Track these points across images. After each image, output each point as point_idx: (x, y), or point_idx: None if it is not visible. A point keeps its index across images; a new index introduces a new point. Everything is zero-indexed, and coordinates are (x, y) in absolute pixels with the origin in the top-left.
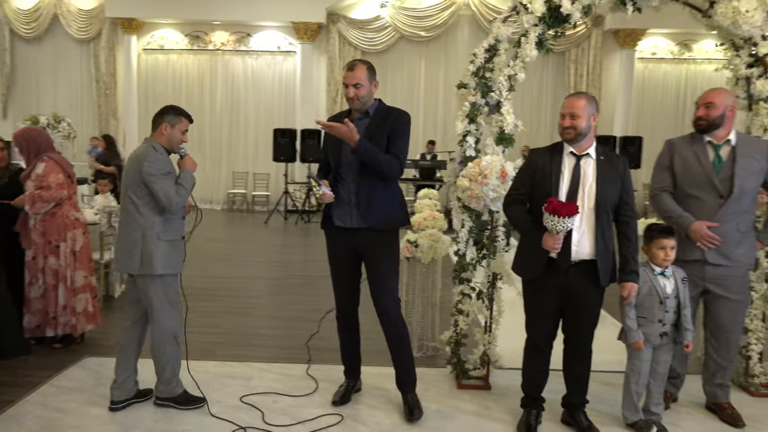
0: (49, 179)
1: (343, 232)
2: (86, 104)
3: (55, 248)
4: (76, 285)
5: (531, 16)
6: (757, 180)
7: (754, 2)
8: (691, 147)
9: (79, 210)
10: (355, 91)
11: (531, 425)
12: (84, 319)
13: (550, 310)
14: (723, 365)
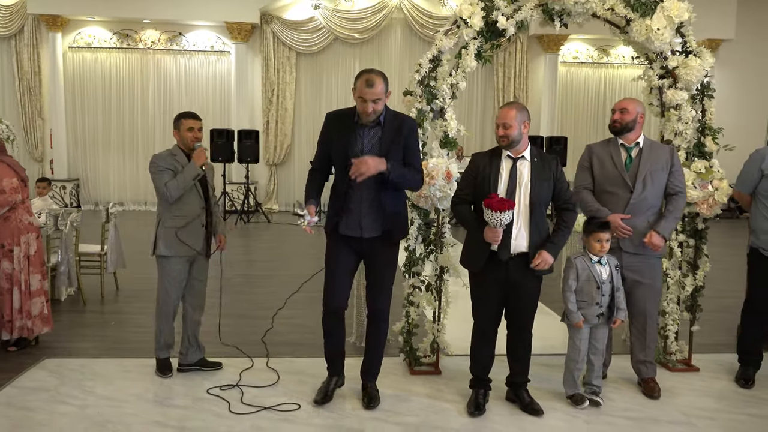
0: (2, 183)
1: (350, 239)
2: (9, 103)
3: (8, 252)
4: (31, 289)
5: (471, 30)
6: (661, 178)
7: (663, 21)
8: (607, 149)
9: (32, 214)
10: (374, 107)
11: (479, 403)
12: (40, 322)
13: (494, 299)
14: (646, 343)
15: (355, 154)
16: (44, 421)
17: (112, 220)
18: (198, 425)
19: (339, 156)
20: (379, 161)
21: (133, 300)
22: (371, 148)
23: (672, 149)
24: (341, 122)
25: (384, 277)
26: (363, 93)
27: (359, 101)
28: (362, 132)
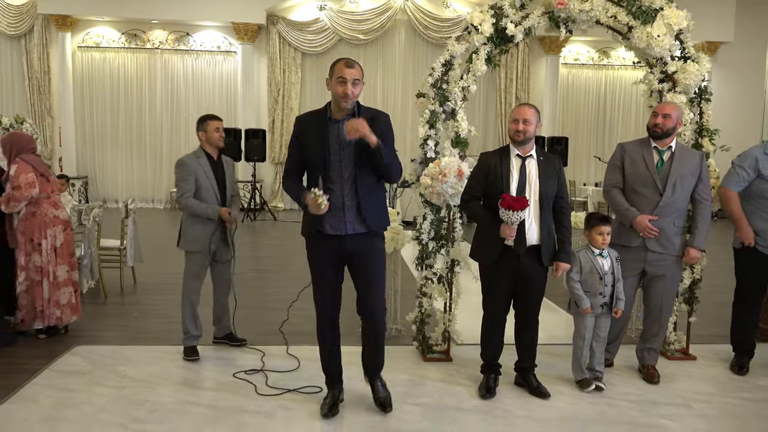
0: (19, 179)
1: (334, 239)
2: (18, 102)
3: (37, 246)
4: (59, 279)
5: (481, 36)
6: (689, 184)
7: (663, 29)
8: (639, 150)
9: (59, 208)
10: (353, 90)
11: (491, 387)
12: (69, 311)
13: (505, 290)
14: (657, 332)
15: (332, 149)
16: (85, 400)
17: (130, 216)
18: (228, 405)
19: (315, 156)
20: (370, 130)
21: (151, 293)
22: (348, 142)
23: (701, 156)
24: (313, 121)
25: (375, 271)
26: (342, 72)
27: (337, 83)
28: (337, 127)
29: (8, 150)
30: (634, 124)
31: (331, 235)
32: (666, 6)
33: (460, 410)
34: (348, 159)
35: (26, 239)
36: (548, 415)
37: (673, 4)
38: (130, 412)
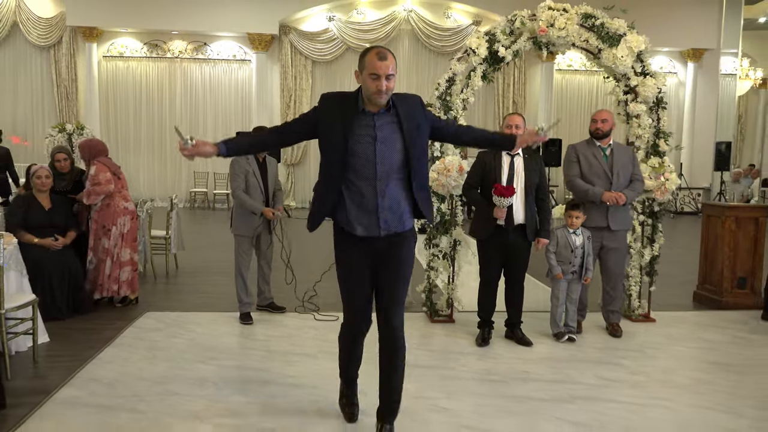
0: (99, 177)
1: (366, 241)
2: (48, 108)
3: (107, 231)
4: (122, 260)
5: (477, 57)
6: (627, 172)
7: (626, 51)
8: (589, 149)
9: (128, 200)
10: (387, 84)
11: (485, 337)
12: (126, 286)
13: (497, 260)
14: (614, 296)
15: (363, 144)
16: (168, 345)
17: (175, 209)
18: (279, 347)
19: (335, 146)
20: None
21: (191, 276)
22: (386, 139)
23: (632, 149)
24: (342, 106)
25: (401, 284)
26: (376, 67)
27: (370, 79)
28: (370, 120)
29: (87, 153)
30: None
31: (362, 237)
32: (628, 32)
33: (461, 354)
34: (383, 154)
35: (99, 226)
36: (530, 357)
37: (634, 31)
38: (204, 352)
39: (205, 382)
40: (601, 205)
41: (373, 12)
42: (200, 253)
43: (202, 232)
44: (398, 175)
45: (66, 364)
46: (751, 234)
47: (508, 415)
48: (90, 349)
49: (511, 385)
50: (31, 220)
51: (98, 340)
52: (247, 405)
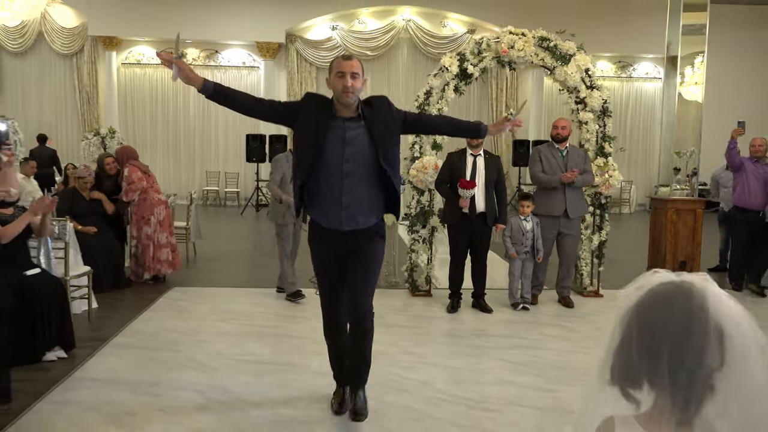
0: (132, 177)
1: (333, 234)
2: (70, 112)
3: (147, 220)
4: (161, 242)
5: (450, 74)
6: (579, 169)
7: (575, 68)
8: (549, 150)
9: (160, 193)
10: (353, 82)
11: (455, 305)
12: (166, 265)
13: (463, 241)
14: (567, 275)
15: (332, 146)
16: (194, 309)
17: (194, 203)
18: (286, 312)
19: (308, 144)
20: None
21: (208, 261)
22: (355, 141)
23: (584, 151)
24: (320, 108)
25: (369, 270)
26: (341, 66)
27: (337, 78)
28: (341, 124)
29: (122, 158)
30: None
31: (329, 229)
32: (577, 53)
33: (433, 318)
34: (353, 156)
35: (139, 217)
36: (489, 320)
37: (582, 51)
38: (224, 315)
39: (226, 333)
40: (560, 196)
41: (374, 21)
42: (215, 243)
43: (215, 225)
44: (366, 174)
45: (115, 322)
46: (689, 224)
47: (461, 356)
48: (132, 312)
49: (468, 338)
50: (76, 209)
51: (137, 306)
52: (262, 347)
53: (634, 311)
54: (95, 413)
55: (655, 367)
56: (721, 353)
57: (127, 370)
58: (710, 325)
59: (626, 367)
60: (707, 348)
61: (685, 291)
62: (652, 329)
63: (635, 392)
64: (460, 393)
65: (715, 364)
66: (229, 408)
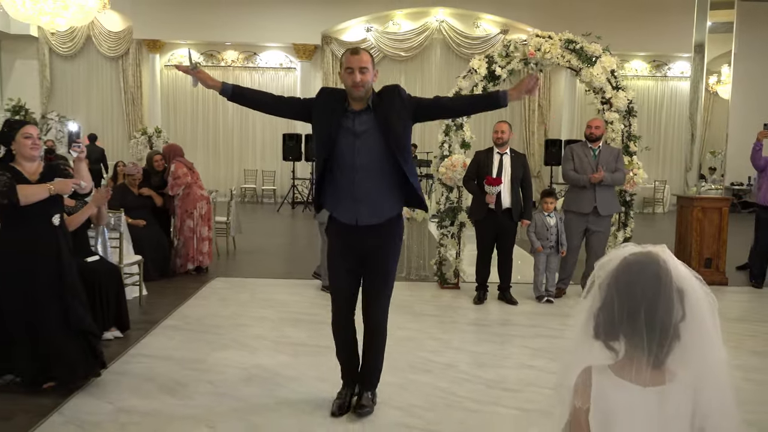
0: (177, 173)
1: (348, 228)
2: (116, 112)
3: (190, 214)
4: (202, 236)
5: (479, 76)
6: (612, 167)
7: (601, 70)
8: (582, 149)
9: (203, 189)
10: (362, 76)
11: (481, 297)
12: (206, 257)
13: (490, 237)
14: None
15: (345, 139)
16: (235, 297)
17: (233, 199)
18: (322, 301)
19: (323, 139)
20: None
21: (247, 254)
22: (366, 134)
23: (618, 150)
24: (333, 103)
25: (386, 268)
26: (349, 62)
27: (346, 74)
28: (352, 117)
29: (169, 155)
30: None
31: (345, 224)
32: (603, 55)
33: (460, 308)
34: (364, 149)
35: (183, 211)
36: (513, 311)
37: (607, 53)
38: (263, 302)
39: (265, 319)
40: (590, 194)
41: (408, 23)
42: (253, 238)
43: (252, 221)
44: (379, 167)
45: (163, 307)
46: (715, 222)
47: (485, 343)
48: (178, 299)
49: (493, 327)
50: (126, 204)
51: (183, 294)
52: (298, 332)
53: (612, 278)
54: (151, 383)
55: (633, 322)
56: (683, 308)
57: (177, 349)
58: (674, 286)
59: (609, 324)
60: (673, 304)
61: (653, 259)
62: (629, 292)
63: (615, 344)
64: (482, 374)
65: (680, 317)
66: (270, 382)
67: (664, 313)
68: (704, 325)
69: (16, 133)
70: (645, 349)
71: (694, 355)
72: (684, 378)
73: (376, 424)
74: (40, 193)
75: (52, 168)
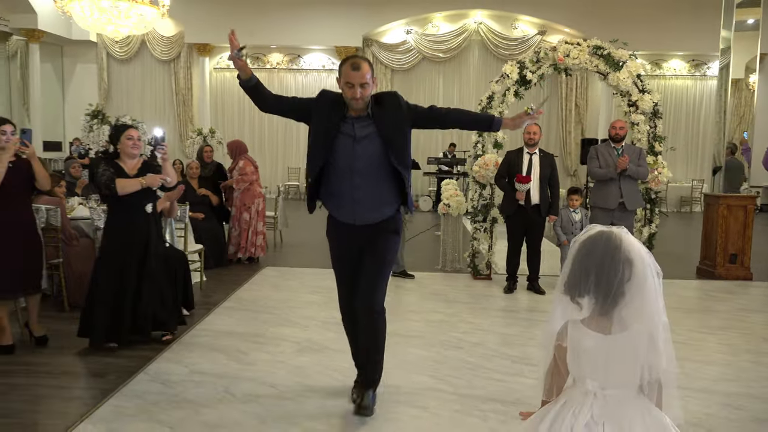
0: (246, 169)
1: (347, 227)
2: (168, 112)
3: (248, 208)
4: (258, 230)
5: (510, 80)
6: (635, 164)
7: (627, 74)
8: (606, 149)
9: (260, 186)
10: (362, 92)
11: (511, 287)
12: (259, 249)
13: (519, 231)
14: None
15: (343, 144)
16: (285, 284)
17: (281, 195)
18: None
19: (321, 142)
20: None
21: (294, 247)
22: (365, 139)
23: (638, 148)
24: (332, 107)
25: (382, 260)
26: (349, 77)
27: (346, 88)
28: (351, 123)
29: (235, 151)
30: (684, 126)
31: (343, 223)
32: (629, 60)
33: (491, 297)
34: (363, 154)
35: (241, 204)
36: (542, 300)
37: (634, 58)
38: (311, 288)
39: (313, 303)
40: (616, 189)
41: (447, 25)
42: (298, 232)
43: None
44: (377, 171)
45: (222, 291)
46: (740, 219)
47: (513, 326)
48: (234, 285)
49: (521, 313)
50: (187, 199)
51: (238, 280)
52: None
53: (577, 249)
54: (218, 353)
55: (587, 281)
56: (629, 271)
57: (236, 326)
58: (622, 254)
59: (573, 282)
60: (619, 268)
61: (608, 236)
62: (586, 259)
63: (578, 299)
64: (508, 351)
65: (625, 277)
66: (320, 353)
67: (611, 273)
68: (646, 286)
69: (121, 134)
70: (595, 300)
71: (638, 308)
72: (635, 329)
73: (412, 388)
74: (134, 185)
75: (148, 165)
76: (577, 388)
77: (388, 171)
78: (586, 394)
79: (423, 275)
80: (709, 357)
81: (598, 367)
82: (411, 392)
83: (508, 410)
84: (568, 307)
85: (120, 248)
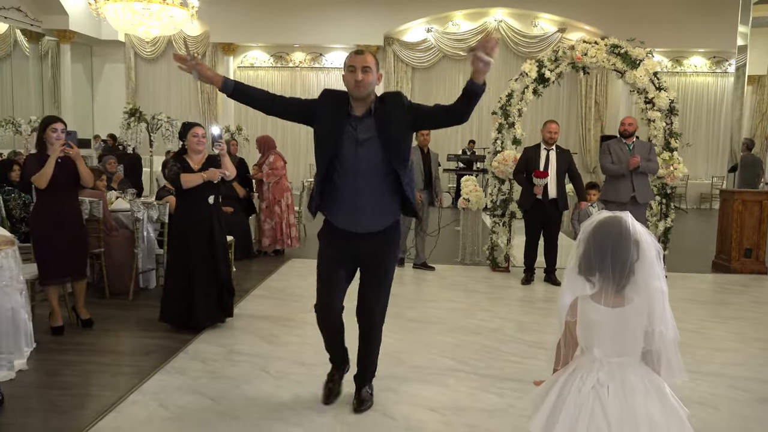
0: (276, 164)
1: (345, 235)
2: (193, 110)
3: (278, 201)
4: (290, 222)
5: (529, 78)
6: (646, 159)
7: (644, 72)
8: (617, 144)
9: (287, 181)
10: (363, 75)
11: (528, 279)
12: (295, 241)
13: (537, 224)
14: None
15: (347, 145)
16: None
17: (305, 190)
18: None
19: (325, 144)
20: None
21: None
22: (367, 141)
23: (650, 144)
24: (336, 107)
25: (384, 271)
26: (351, 60)
27: (348, 73)
28: (354, 123)
29: (263, 146)
30: (705, 122)
31: (342, 230)
32: (646, 58)
33: (509, 287)
34: (365, 157)
35: (272, 197)
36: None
37: (651, 56)
38: None
39: None
40: (628, 184)
41: (467, 23)
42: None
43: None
44: (379, 175)
45: (252, 280)
46: (756, 214)
47: (529, 314)
48: (263, 275)
49: (537, 303)
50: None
51: (266, 270)
52: None
53: (590, 232)
54: (252, 335)
55: (603, 261)
56: (638, 252)
57: (267, 311)
58: (631, 237)
59: (587, 263)
60: (630, 250)
61: (618, 220)
62: (601, 241)
63: (592, 278)
64: (524, 337)
65: (635, 258)
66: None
67: (624, 254)
68: (651, 265)
69: (188, 132)
70: (611, 279)
71: (644, 284)
72: (639, 302)
73: (433, 368)
74: (196, 179)
75: (210, 160)
76: (585, 357)
77: (388, 176)
78: (593, 361)
79: (443, 267)
80: (719, 344)
81: (604, 338)
82: (432, 372)
83: (524, 388)
84: (579, 284)
85: (186, 233)
